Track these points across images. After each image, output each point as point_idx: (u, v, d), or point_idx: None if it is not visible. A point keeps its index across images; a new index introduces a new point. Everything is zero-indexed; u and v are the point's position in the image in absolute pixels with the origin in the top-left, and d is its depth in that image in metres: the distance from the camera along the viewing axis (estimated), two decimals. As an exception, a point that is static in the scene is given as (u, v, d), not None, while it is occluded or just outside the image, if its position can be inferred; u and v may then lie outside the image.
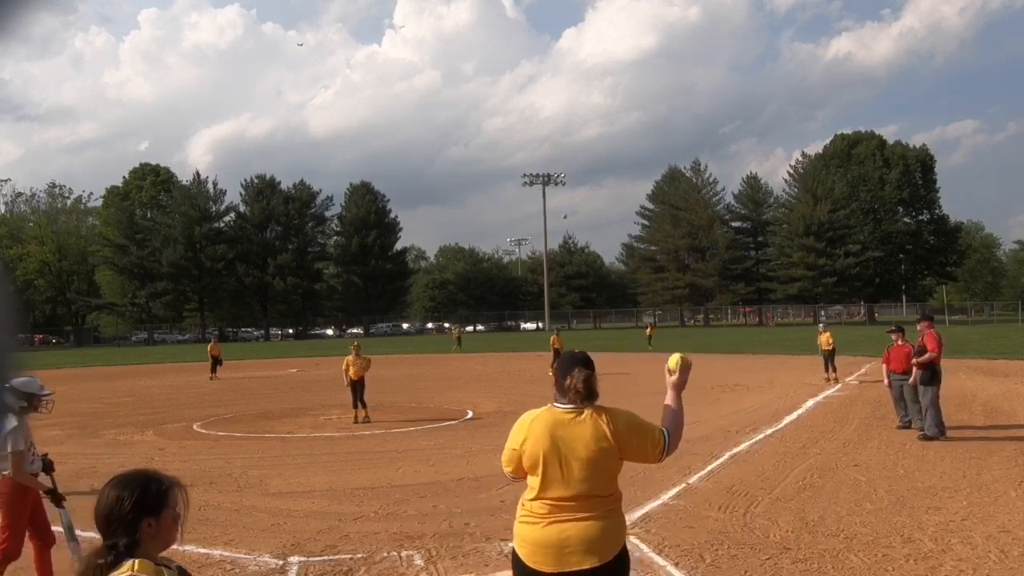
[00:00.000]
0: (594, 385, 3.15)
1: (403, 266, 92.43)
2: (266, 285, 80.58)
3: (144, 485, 2.08)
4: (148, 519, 2.04)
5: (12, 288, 7.84)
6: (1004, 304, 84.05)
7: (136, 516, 2.03)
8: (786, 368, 23.90)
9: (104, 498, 2.05)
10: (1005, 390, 16.42)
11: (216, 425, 14.25)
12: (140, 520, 2.03)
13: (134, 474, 2.12)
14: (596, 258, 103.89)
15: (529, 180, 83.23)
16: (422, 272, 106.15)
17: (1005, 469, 8.67)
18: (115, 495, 2.04)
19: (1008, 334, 43.12)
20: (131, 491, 2.05)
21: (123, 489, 2.05)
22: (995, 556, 5.66)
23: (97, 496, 2.08)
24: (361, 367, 14.30)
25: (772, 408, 14.41)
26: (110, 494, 2.05)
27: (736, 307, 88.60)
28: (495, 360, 32.17)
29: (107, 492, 2.07)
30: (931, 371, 10.95)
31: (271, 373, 29.18)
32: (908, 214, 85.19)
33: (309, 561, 5.90)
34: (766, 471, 8.83)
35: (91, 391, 22.89)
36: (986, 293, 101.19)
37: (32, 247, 79.83)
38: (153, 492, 2.07)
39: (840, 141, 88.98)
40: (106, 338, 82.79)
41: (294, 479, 9.13)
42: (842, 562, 5.61)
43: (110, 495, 2.05)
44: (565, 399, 3.14)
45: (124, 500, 2.03)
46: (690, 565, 5.60)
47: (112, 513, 2.03)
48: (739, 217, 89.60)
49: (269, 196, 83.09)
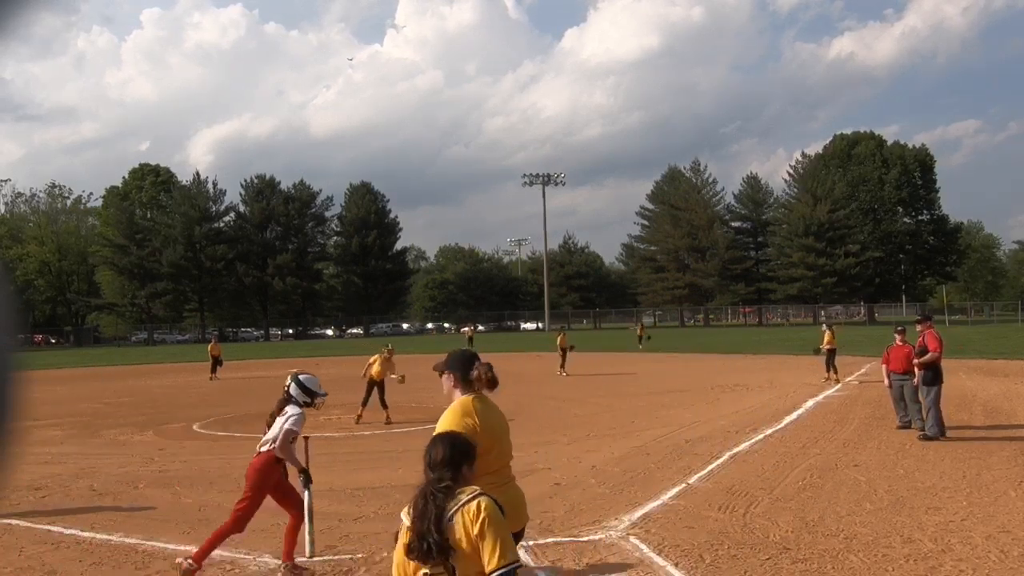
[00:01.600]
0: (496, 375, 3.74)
1: (403, 266, 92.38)
2: (266, 285, 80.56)
3: (463, 443, 2.97)
4: (465, 464, 2.89)
5: (12, 288, 7.87)
6: (1004, 304, 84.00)
7: (458, 461, 2.86)
8: (786, 368, 23.89)
9: (435, 449, 2.91)
10: (1005, 390, 16.42)
11: (216, 425, 14.24)
12: (461, 463, 2.87)
13: (454, 434, 3.09)
14: (596, 258, 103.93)
15: (529, 180, 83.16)
16: (422, 272, 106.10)
17: (1005, 469, 8.67)
18: (444, 446, 2.90)
19: (1008, 334, 43.11)
20: (454, 445, 2.91)
21: (447, 443, 2.93)
22: (995, 556, 5.66)
23: (427, 447, 2.94)
24: (386, 369, 14.19)
25: (772, 408, 14.41)
26: (438, 447, 2.90)
27: (736, 307, 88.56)
28: (495, 360, 32.03)
29: (437, 445, 2.92)
30: (934, 371, 10.96)
31: (271, 373, 29.16)
32: (908, 214, 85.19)
33: (309, 561, 5.90)
34: (766, 471, 8.83)
35: (91, 391, 22.88)
36: (986, 293, 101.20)
37: (32, 247, 79.81)
38: (470, 447, 2.96)
39: (840, 141, 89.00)
40: (106, 338, 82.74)
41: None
42: (842, 562, 5.60)
43: (438, 448, 2.90)
44: (471, 389, 3.65)
45: (451, 450, 2.89)
46: (690, 565, 5.60)
47: (443, 459, 2.85)
48: (739, 217, 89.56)
49: (269, 196, 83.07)
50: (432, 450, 2.92)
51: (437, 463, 2.86)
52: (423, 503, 2.76)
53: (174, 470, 9.92)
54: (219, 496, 8.27)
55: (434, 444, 2.96)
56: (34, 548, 6.39)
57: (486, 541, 2.63)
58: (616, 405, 15.76)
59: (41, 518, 7.37)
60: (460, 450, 2.90)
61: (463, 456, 2.89)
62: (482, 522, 2.65)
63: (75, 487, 8.96)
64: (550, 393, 18.72)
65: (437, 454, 2.88)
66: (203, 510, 7.66)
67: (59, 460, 10.79)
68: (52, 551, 6.33)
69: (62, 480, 9.35)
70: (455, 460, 2.86)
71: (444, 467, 2.83)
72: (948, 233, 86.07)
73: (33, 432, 13.31)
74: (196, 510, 7.66)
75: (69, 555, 6.21)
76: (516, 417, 14.23)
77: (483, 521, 2.65)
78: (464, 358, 3.74)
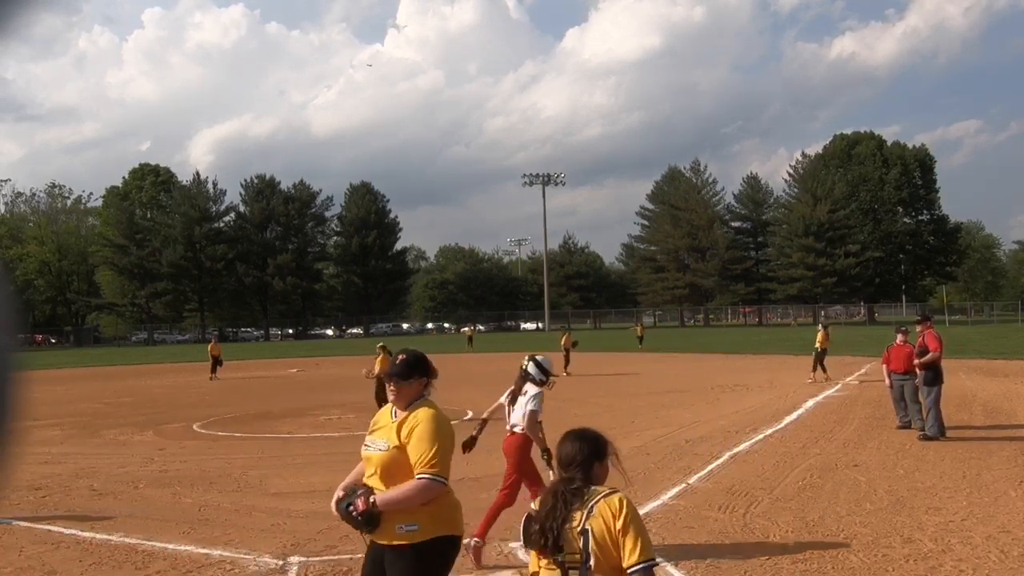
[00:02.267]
0: None
1: (403, 266, 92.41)
2: (266, 285, 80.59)
3: (594, 440, 2.98)
4: (596, 462, 2.92)
5: (12, 288, 7.87)
6: (1004, 304, 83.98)
7: (589, 460, 2.90)
8: (786, 368, 23.90)
9: (566, 447, 2.95)
10: (1005, 390, 16.42)
11: (216, 425, 14.25)
12: (592, 462, 2.90)
13: (586, 431, 3.04)
14: (596, 258, 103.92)
15: (529, 180, 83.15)
16: (422, 272, 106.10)
17: (1005, 469, 8.67)
18: (575, 446, 2.93)
19: (1008, 334, 43.11)
20: (586, 443, 2.94)
21: (580, 441, 2.95)
22: (995, 556, 5.66)
23: (559, 446, 2.97)
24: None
25: (772, 408, 14.41)
26: (569, 445, 2.94)
27: (736, 307, 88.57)
28: (495, 360, 32.14)
29: (569, 443, 2.95)
30: (934, 371, 10.96)
31: (271, 373, 29.18)
32: (908, 214, 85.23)
33: (309, 561, 5.90)
34: (766, 471, 8.83)
35: (91, 391, 22.89)
36: (986, 293, 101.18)
37: (32, 247, 79.80)
38: (601, 444, 2.97)
39: (840, 141, 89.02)
40: (106, 338, 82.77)
41: (294, 479, 9.13)
42: (842, 562, 5.60)
43: (570, 446, 2.94)
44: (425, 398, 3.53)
45: (583, 449, 2.92)
46: (690, 565, 5.60)
47: (575, 458, 2.90)
48: (739, 217, 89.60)
49: (269, 196, 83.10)
50: (564, 447, 2.95)
51: (569, 462, 2.90)
52: (552, 502, 2.82)
53: (174, 470, 9.92)
54: (219, 496, 8.27)
55: (565, 441, 2.98)
56: (34, 548, 6.39)
57: (628, 536, 2.70)
58: (616, 405, 15.76)
59: (41, 518, 7.36)
60: (591, 448, 2.92)
61: (595, 454, 2.91)
62: (625, 516, 2.73)
63: (75, 487, 8.95)
64: (550, 393, 18.66)
65: (570, 452, 2.91)
66: (203, 510, 7.66)
67: (59, 460, 10.79)
68: (52, 551, 6.32)
69: (62, 480, 9.34)
70: (587, 459, 2.89)
71: (576, 467, 2.87)
72: (948, 233, 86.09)
73: (33, 432, 13.31)
74: (196, 510, 7.66)
75: (69, 555, 6.21)
76: (516, 417, 14.24)
77: (626, 516, 2.73)
78: (421, 363, 3.43)
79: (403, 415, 3.33)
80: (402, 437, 3.25)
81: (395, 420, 3.35)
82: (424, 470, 3.15)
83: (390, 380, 3.35)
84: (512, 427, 6.23)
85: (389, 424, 3.36)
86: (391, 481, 3.22)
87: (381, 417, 3.46)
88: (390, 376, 3.35)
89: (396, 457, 3.24)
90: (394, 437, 3.26)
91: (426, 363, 3.40)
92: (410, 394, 3.35)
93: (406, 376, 3.34)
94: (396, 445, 3.25)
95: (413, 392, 3.36)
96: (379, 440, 3.33)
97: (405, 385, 3.34)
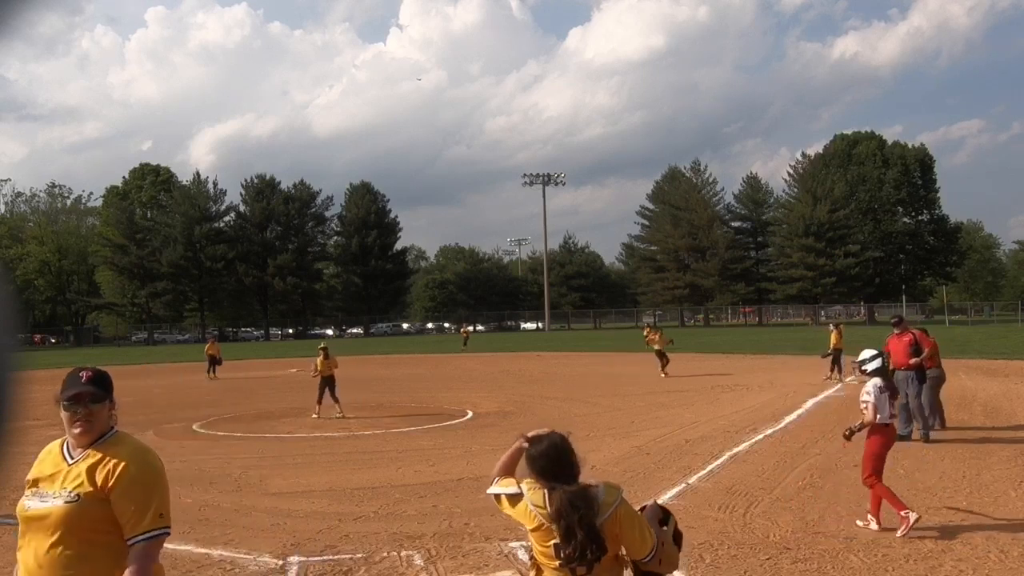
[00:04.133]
0: None
1: (403, 266, 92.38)
2: (266, 285, 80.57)
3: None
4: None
5: (12, 288, 7.79)
6: (1004, 304, 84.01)
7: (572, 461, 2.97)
8: (786, 368, 23.89)
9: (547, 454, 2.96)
10: (1005, 390, 16.42)
11: (216, 425, 14.24)
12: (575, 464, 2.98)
13: (554, 435, 3.03)
14: (596, 258, 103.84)
15: (529, 180, 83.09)
16: (422, 272, 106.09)
17: (1005, 469, 8.68)
18: (553, 452, 2.95)
19: (1008, 334, 43.13)
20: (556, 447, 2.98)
21: (554, 447, 2.97)
22: (995, 556, 5.66)
23: (533, 454, 2.98)
24: (329, 366, 15.43)
25: (772, 408, 14.41)
26: (548, 452, 2.95)
27: (736, 307, 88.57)
28: (495, 360, 32.16)
29: (547, 450, 2.95)
30: (920, 371, 10.92)
31: (271, 373, 29.16)
32: (908, 214, 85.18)
33: (309, 561, 5.90)
34: (766, 471, 8.83)
35: (91, 391, 22.86)
36: (986, 293, 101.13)
37: (32, 247, 79.77)
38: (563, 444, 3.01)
39: (840, 141, 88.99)
40: (106, 338, 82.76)
41: (294, 479, 9.13)
42: (842, 562, 5.61)
43: (552, 453, 2.94)
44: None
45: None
46: (690, 565, 5.60)
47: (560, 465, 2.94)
48: (739, 217, 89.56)
49: (269, 196, 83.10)
50: (540, 456, 2.95)
51: (562, 472, 2.90)
52: (569, 511, 2.78)
53: (174, 470, 9.88)
54: (219, 496, 8.27)
55: (545, 450, 2.95)
56: (34, 548, 6.38)
57: (635, 531, 2.89)
58: (616, 405, 15.76)
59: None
60: (565, 448, 2.96)
61: (570, 452, 2.96)
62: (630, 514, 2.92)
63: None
64: (550, 393, 18.71)
65: (552, 460, 2.91)
66: (203, 510, 7.66)
67: (59, 460, 10.78)
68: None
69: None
70: (570, 460, 2.94)
71: (569, 473, 2.91)
72: (948, 233, 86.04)
73: (33, 432, 13.27)
74: (196, 510, 7.66)
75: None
76: (516, 417, 14.24)
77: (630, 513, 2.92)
78: (110, 377, 2.72)
79: (88, 453, 2.53)
80: (98, 483, 2.47)
81: (73, 461, 2.54)
82: (154, 524, 2.49)
83: (80, 404, 2.52)
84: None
85: (65, 468, 2.53)
86: (82, 547, 2.44)
87: (47, 460, 2.60)
88: (79, 398, 2.53)
89: (89, 512, 2.45)
90: (84, 483, 2.47)
91: (111, 383, 2.68)
92: (102, 423, 2.58)
93: (100, 398, 2.58)
94: (88, 493, 2.46)
95: (104, 421, 2.59)
96: (56, 490, 2.49)
97: (99, 409, 2.57)
